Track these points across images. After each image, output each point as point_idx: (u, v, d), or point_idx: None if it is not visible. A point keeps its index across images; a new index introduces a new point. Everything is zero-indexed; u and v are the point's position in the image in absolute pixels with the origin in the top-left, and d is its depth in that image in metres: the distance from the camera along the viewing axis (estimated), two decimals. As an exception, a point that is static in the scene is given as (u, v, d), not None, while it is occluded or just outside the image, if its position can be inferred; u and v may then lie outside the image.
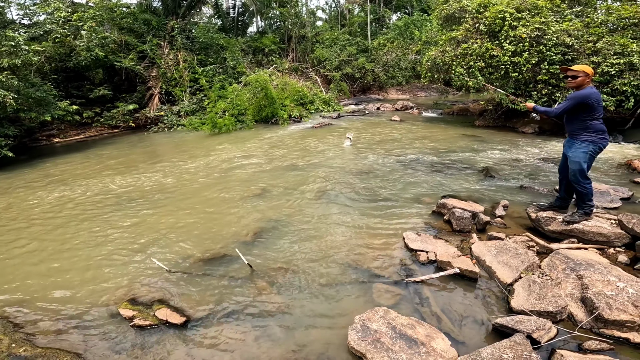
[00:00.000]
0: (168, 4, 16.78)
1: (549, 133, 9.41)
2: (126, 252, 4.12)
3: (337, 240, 4.09)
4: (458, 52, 10.15)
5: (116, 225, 4.88)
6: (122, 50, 14.32)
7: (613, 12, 9.17)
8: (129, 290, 3.38)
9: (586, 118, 3.61)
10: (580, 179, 3.71)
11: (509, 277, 3.13)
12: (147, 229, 4.71)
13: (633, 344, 2.43)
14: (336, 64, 20.48)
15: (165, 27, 16.12)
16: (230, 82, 14.94)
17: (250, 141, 10.16)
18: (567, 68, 3.71)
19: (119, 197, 6.03)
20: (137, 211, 5.35)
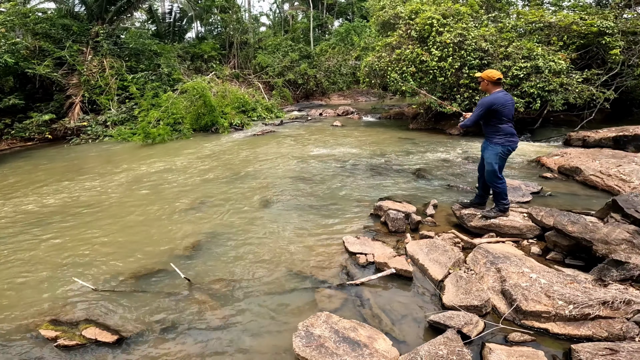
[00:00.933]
0: (93, 9, 15.51)
1: (472, 134, 10.24)
2: (47, 272, 3.81)
3: (278, 248, 4.04)
4: (392, 58, 10.55)
5: (35, 245, 4.41)
6: (36, 57, 12.87)
7: (522, 17, 10.21)
8: (50, 310, 3.17)
9: (495, 122, 3.86)
10: (494, 179, 3.99)
11: (439, 274, 3.26)
12: (70, 247, 4.31)
13: (552, 334, 2.56)
14: (279, 70, 20.40)
15: (88, 33, 14.89)
16: (164, 89, 14.13)
17: (188, 151, 9.66)
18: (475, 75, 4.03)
19: (39, 215, 5.41)
20: (60, 229, 4.85)
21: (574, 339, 2.49)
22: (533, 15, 9.83)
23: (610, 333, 2.42)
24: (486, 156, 4.03)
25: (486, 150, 4.05)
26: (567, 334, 2.52)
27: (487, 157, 4.01)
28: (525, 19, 9.95)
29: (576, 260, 3.36)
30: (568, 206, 4.73)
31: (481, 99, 3.90)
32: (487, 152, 4.02)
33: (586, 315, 2.51)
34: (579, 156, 6.66)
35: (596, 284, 2.75)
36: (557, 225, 3.45)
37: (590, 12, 9.94)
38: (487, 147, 4.05)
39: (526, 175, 6.42)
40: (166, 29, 21.50)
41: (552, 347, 2.47)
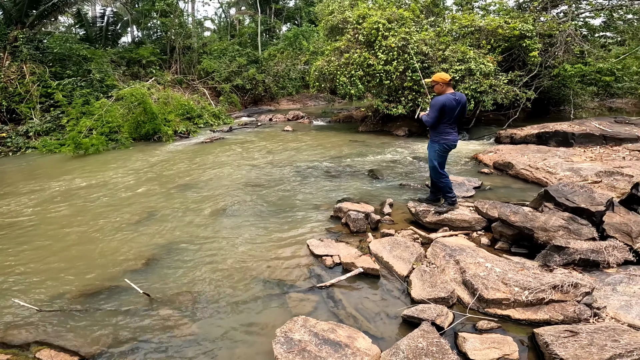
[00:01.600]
0: (12, 13, 13.89)
1: (416, 135, 10.86)
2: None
3: (242, 257, 3.89)
4: (341, 62, 10.74)
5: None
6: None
7: (456, 22, 11.03)
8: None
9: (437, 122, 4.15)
10: (436, 175, 4.28)
11: (404, 270, 3.35)
12: (6, 268, 3.85)
13: (515, 320, 2.70)
14: (226, 76, 19.77)
15: (6, 38, 13.28)
16: (97, 96, 12.98)
17: (128, 161, 8.95)
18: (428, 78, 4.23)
19: None
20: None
21: (534, 324, 2.64)
22: (465, 19, 10.64)
23: (566, 316, 2.61)
24: (428, 154, 4.36)
25: (428, 148, 4.39)
26: (527, 319, 2.67)
27: (429, 154, 4.34)
28: (459, 24, 10.72)
29: (520, 248, 3.64)
30: (505, 198, 5.15)
31: (434, 99, 4.11)
32: (429, 150, 4.36)
33: (541, 300, 2.71)
34: (509, 152, 7.35)
35: (543, 270, 3.01)
36: (501, 216, 3.73)
37: (513, 16, 10.88)
38: (429, 145, 4.38)
39: (467, 171, 6.95)
40: (97, 33, 19.85)
41: (516, 332, 2.62)
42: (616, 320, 2.61)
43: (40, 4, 14.38)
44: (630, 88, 13.22)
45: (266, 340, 2.63)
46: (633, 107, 16.19)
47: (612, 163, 6.14)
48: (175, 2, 20.27)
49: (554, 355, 2.20)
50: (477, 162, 7.55)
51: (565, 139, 7.84)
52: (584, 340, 2.25)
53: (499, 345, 2.38)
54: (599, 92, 14.39)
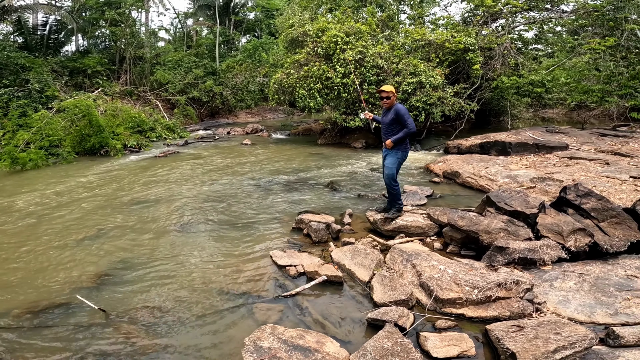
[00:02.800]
0: None
1: (373, 147, 11.25)
2: None
3: (204, 271, 3.80)
4: (300, 75, 10.85)
5: None
6: None
7: (409, 35, 11.61)
8: None
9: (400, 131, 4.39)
10: (393, 183, 4.50)
11: (366, 276, 3.46)
12: None
13: (469, 318, 2.85)
14: (181, 87, 19.17)
15: None
16: (36, 107, 12.06)
17: (72, 177, 8.33)
18: (382, 90, 4.39)
19: None
20: None
21: (486, 321, 2.80)
22: (417, 33, 11.25)
23: (511, 312, 2.82)
24: (387, 162, 4.52)
25: (388, 156, 4.54)
26: (479, 316, 2.84)
27: (388, 162, 4.50)
28: (411, 37, 11.32)
29: (469, 250, 3.91)
30: (454, 205, 5.50)
31: (402, 108, 4.35)
32: (389, 158, 4.51)
33: (489, 298, 2.91)
34: (456, 162, 7.88)
35: (489, 270, 3.24)
36: (450, 221, 3.99)
37: (458, 30, 11.62)
38: (389, 153, 4.53)
39: (419, 180, 7.34)
40: (38, 41, 18.50)
41: (471, 329, 2.79)
42: (556, 314, 2.85)
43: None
44: (560, 98, 14.64)
45: (235, 350, 2.61)
46: (563, 117, 18.02)
47: (544, 170, 6.82)
48: (128, 11, 19.51)
49: (505, 349, 2.38)
50: (429, 172, 8.00)
51: (504, 148, 8.57)
52: (530, 334, 2.44)
53: (457, 343, 2.54)
54: (532, 103, 15.74)
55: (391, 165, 4.48)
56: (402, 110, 4.35)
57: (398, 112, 4.35)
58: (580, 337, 2.37)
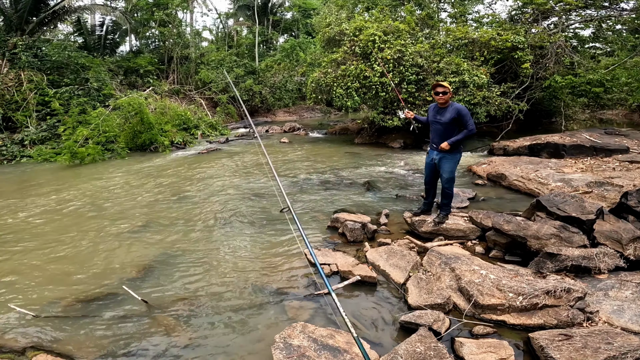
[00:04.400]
0: (12, 20, 13.94)
1: (411, 147, 10.98)
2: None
3: (238, 265, 3.93)
4: (338, 74, 10.81)
5: None
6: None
7: (450, 34, 11.19)
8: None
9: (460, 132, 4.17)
10: (452, 186, 4.32)
11: (401, 278, 3.41)
12: (3, 275, 3.85)
13: (510, 325, 2.75)
14: (223, 86, 19.92)
15: (5, 44, 13.28)
16: (94, 105, 12.95)
17: (124, 171, 8.94)
18: (439, 84, 4.11)
19: None
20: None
21: (529, 328, 2.68)
22: (459, 32, 10.83)
23: (559, 320, 2.68)
24: (447, 166, 4.26)
25: (446, 160, 4.26)
26: (522, 324, 2.73)
27: (448, 167, 4.25)
28: (453, 36, 10.91)
29: (514, 256, 3.73)
30: (499, 208, 5.22)
31: (463, 108, 4.09)
32: (449, 162, 4.25)
33: (535, 305, 2.77)
34: (502, 164, 7.48)
35: (536, 276, 3.08)
36: (495, 225, 3.83)
37: (505, 28, 11.03)
38: (446, 157, 4.26)
39: (461, 183, 7.05)
40: (96, 41, 19.91)
41: (512, 337, 2.67)
42: (609, 324, 2.66)
43: (41, 12, 14.49)
44: (620, 99, 13.44)
45: (265, 346, 2.65)
46: (623, 118, 16.51)
47: (603, 174, 6.28)
48: (174, 12, 20.48)
49: (549, 358, 2.25)
50: (471, 174, 7.66)
51: (557, 151, 8.00)
52: (578, 344, 2.30)
53: (495, 350, 2.42)
54: (589, 104, 14.58)
55: (451, 170, 4.26)
56: (464, 110, 4.09)
57: (460, 111, 4.06)
58: (634, 347, 2.21)
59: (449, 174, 4.30)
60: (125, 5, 19.12)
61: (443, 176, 4.35)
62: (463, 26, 11.55)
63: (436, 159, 4.38)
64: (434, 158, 4.41)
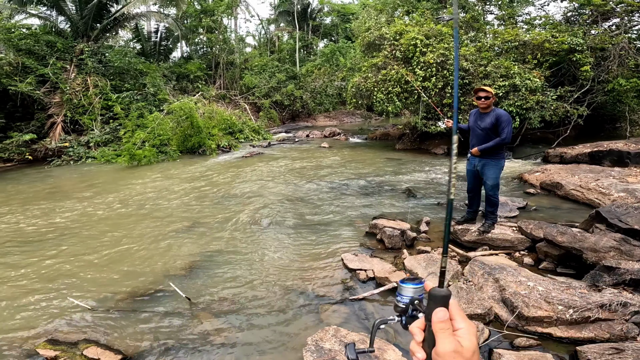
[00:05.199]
0: (78, 26, 15.25)
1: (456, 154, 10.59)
2: (41, 293, 3.71)
3: (277, 267, 4.04)
4: (378, 78, 10.74)
5: (26, 266, 4.28)
6: (18, 74, 12.56)
7: (498, 36, 10.69)
8: (47, 331, 3.08)
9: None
10: (497, 193, 4.15)
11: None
12: (62, 268, 4.21)
13: (556, 338, 2.66)
14: (265, 91, 20.49)
15: (72, 50, 14.59)
16: (150, 109, 13.90)
17: (175, 173, 9.53)
18: (481, 88, 4.00)
19: (26, 236, 5.24)
20: (50, 250, 4.72)
21: (577, 342, 2.59)
22: (508, 34, 10.30)
23: (612, 334, 2.53)
24: (490, 173, 4.10)
25: (489, 166, 4.11)
26: (570, 337, 2.63)
27: (492, 173, 4.09)
28: (501, 38, 10.40)
29: (567, 268, 3.53)
30: (553, 219, 4.92)
31: (504, 115, 3.93)
32: (492, 168, 4.09)
33: (586, 319, 2.63)
34: (558, 172, 6.99)
35: (591, 289, 2.88)
36: (547, 236, 3.63)
37: (560, 30, 10.40)
38: (489, 163, 4.11)
39: (510, 191, 6.67)
40: (152, 48, 21.43)
41: (556, 350, 2.56)
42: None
43: (104, 18, 15.70)
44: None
45: (297, 347, 2.71)
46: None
47: (675, 186, 5.62)
48: (220, 18, 21.43)
49: (597, 372, 2.10)
50: (522, 182, 7.24)
51: (620, 159, 7.32)
52: (629, 357, 2.19)
53: (537, 361, 2.31)
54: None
55: (495, 176, 4.11)
56: (504, 117, 3.93)
57: (500, 118, 3.93)
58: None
59: (493, 180, 4.12)
60: (176, 12, 20.35)
61: (487, 183, 4.17)
62: (512, 28, 10.97)
63: (478, 165, 4.23)
64: (476, 165, 4.26)
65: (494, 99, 4.08)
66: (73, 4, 15.40)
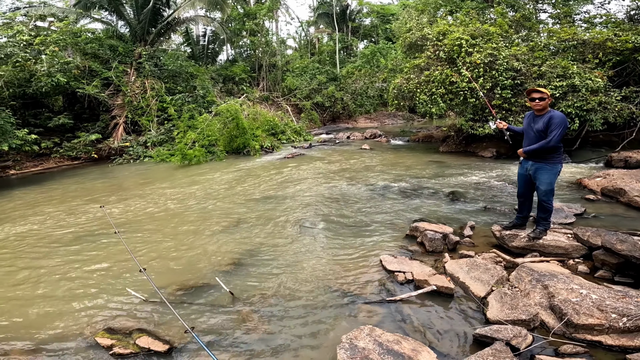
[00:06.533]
0: (136, 31, 16.46)
1: (505, 157, 10.06)
2: (99, 283, 4.01)
3: (316, 266, 4.14)
4: (421, 79, 10.52)
5: (87, 257, 4.69)
6: (85, 77, 13.86)
7: (554, 35, 10.06)
8: (105, 319, 3.31)
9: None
10: (551, 199, 3.95)
11: (482, 291, 3.29)
12: (119, 260, 4.56)
13: (606, 347, 2.59)
14: (306, 93, 20.78)
15: (132, 54, 15.72)
16: (200, 111, 14.67)
17: (222, 172, 10.01)
18: (534, 89, 3.82)
19: (88, 230, 5.77)
20: (108, 243, 5.15)
21: (628, 350, 2.52)
22: (565, 33, 9.70)
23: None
24: (544, 177, 3.89)
25: (543, 171, 3.90)
26: (621, 345, 2.56)
27: (546, 178, 3.89)
28: (557, 37, 9.82)
29: (625, 277, 3.39)
30: (613, 227, 4.61)
31: (559, 117, 3.72)
32: (546, 173, 3.89)
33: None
34: (622, 177, 6.47)
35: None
36: (605, 243, 3.47)
37: (623, 28, 9.65)
38: (543, 167, 3.90)
39: (567, 197, 6.25)
40: (200, 51, 22.55)
41: (604, 358, 2.50)
42: None
43: (158, 23, 16.74)
44: None
45: (331, 345, 2.76)
46: None
47: None
48: (262, 21, 22.08)
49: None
50: (581, 188, 6.77)
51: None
52: None
53: (580, 370, 2.22)
54: None
55: (550, 181, 3.90)
56: (556, 119, 3.70)
57: (552, 119, 3.72)
58: None
59: (546, 185, 3.91)
60: (221, 16, 21.32)
61: (540, 188, 3.96)
62: (569, 27, 10.25)
63: (530, 169, 4.03)
64: (528, 168, 4.06)
65: (550, 100, 3.88)
66: (131, 8, 16.52)
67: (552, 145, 3.74)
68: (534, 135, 3.91)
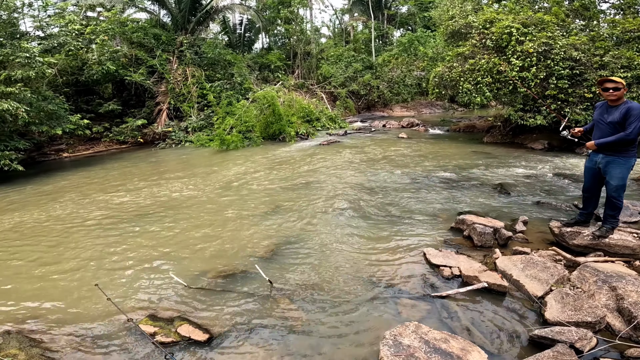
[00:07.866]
0: (177, 20, 16.97)
1: (558, 149, 9.44)
2: (142, 267, 4.05)
3: (355, 257, 4.04)
4: (465, 68, 10.18)
5: (131, 241, 4.81)
6: (131, 65, 14.49)
7: (617, 25, 9.30)
8: (148, 305, 3.32)
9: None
10: (622, 195, 3.68)
11: (539, 290, 3.12)
12: (161, 244, 4.64)
13: None
14: (342, 81, 20.60)
15: (174, 42, 16.27)
16: (237, 98, 14.96)
17: (259, 158, 10.16)
18: (608, 79, 3.58)
19: (132, 213, 5.97)
20: (151, 227, 5.28)
21: None
22: (630, 23, 8.92)
23: None
24: (615, 172, 3.63)
25: (613, 164, 3.64)
26: None
27: (619, 172, 3.62)
28: (621, 27, 9.06)
29: None
30: (690, 230, 4.14)
31: (636, 107, 3.44)
32: (619, 167, 3.63)
33: None
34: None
35: None
36: None
37: None
38: (614, 161, 3.64)
39: (634, 193, 5.74)
40: (237, 39, 22.91)
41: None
42: None
43: (197, 11, 17.14)
44: None
45: (373, 340, 2.66)
46: None
47: None
48: (296, 9, 21.95)
49: None
50: (648, 185, 6.18)
51: None
52: None
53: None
54: None
55: (622, 176, 3.63)
56: (636, 110, 3.40)
57: (630, 111, 3.42)
58: None
59: (618, 180, 3.61)
60: (256, 4, 21.29)
61: (611, 183, 3.66)
62: (634, 18, 9.36)
63: (601, 163, 3.73)
64: (598, 162, 3.75)
65: (625, 90, 3.56)
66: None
67: (632, 138, 3.45)
68: (606, 127, 3.62)
